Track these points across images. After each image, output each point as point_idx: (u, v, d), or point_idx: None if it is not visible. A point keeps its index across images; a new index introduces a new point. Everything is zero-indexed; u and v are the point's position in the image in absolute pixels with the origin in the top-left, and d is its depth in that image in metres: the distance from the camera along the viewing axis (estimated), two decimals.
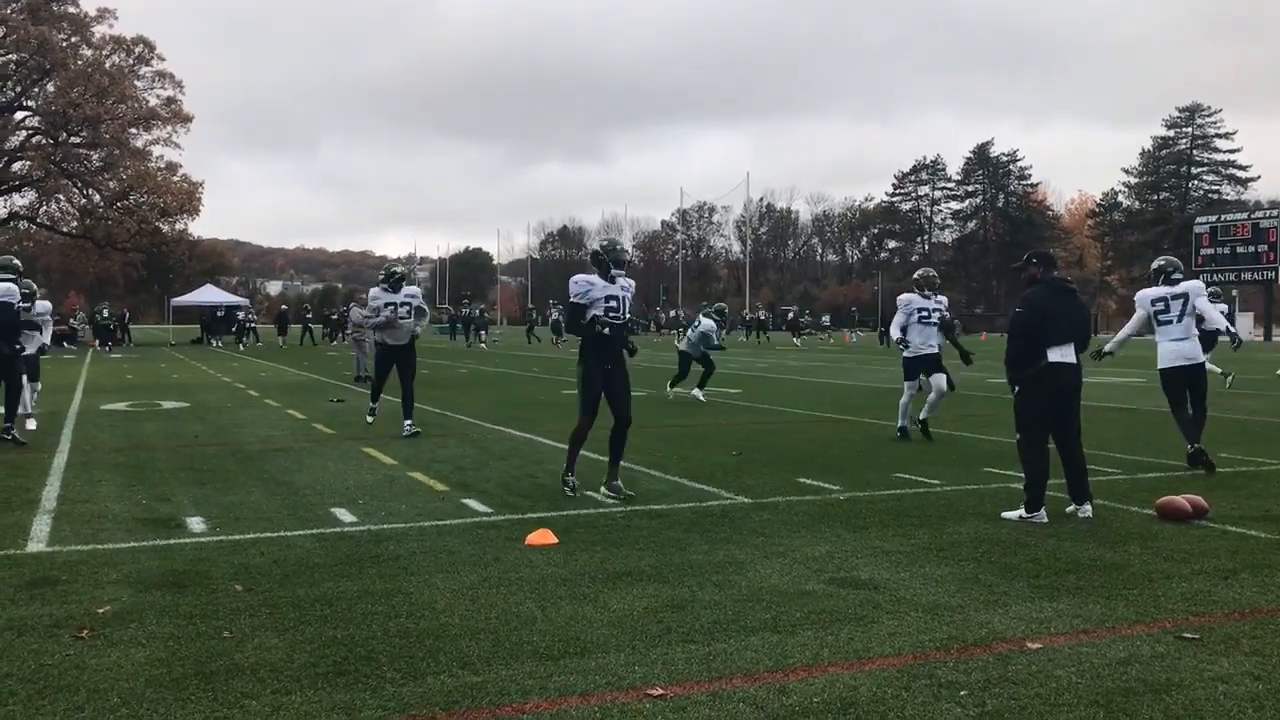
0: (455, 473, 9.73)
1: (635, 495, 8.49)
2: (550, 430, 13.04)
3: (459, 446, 11.71)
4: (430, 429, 13.44)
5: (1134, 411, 15.73)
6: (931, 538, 6.95)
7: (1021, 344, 7.63)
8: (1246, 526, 7.32)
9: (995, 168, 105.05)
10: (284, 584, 5.77)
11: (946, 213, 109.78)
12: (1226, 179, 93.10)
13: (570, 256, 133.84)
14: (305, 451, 11.23)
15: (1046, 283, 7.80)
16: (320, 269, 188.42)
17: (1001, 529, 7.24)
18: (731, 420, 14.91)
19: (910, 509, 7.96)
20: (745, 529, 7.23)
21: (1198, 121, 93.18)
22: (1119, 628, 4.99)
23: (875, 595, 5.53)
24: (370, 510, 7.89)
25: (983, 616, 5.16)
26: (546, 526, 7.06)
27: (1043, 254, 8.07)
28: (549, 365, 30.66)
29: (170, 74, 59.08)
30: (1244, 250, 62.05)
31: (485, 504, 8.14)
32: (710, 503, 8.24)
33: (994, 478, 9.44)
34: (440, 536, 6.98)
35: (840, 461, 10.49)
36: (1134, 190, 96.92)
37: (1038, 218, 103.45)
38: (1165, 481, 9.22)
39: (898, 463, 10.37)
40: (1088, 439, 12.01)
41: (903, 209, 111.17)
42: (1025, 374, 7.62)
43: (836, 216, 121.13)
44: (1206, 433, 10.21)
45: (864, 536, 6.98)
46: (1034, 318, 7.61)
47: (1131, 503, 8.20)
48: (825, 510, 7.93)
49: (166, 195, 56.76)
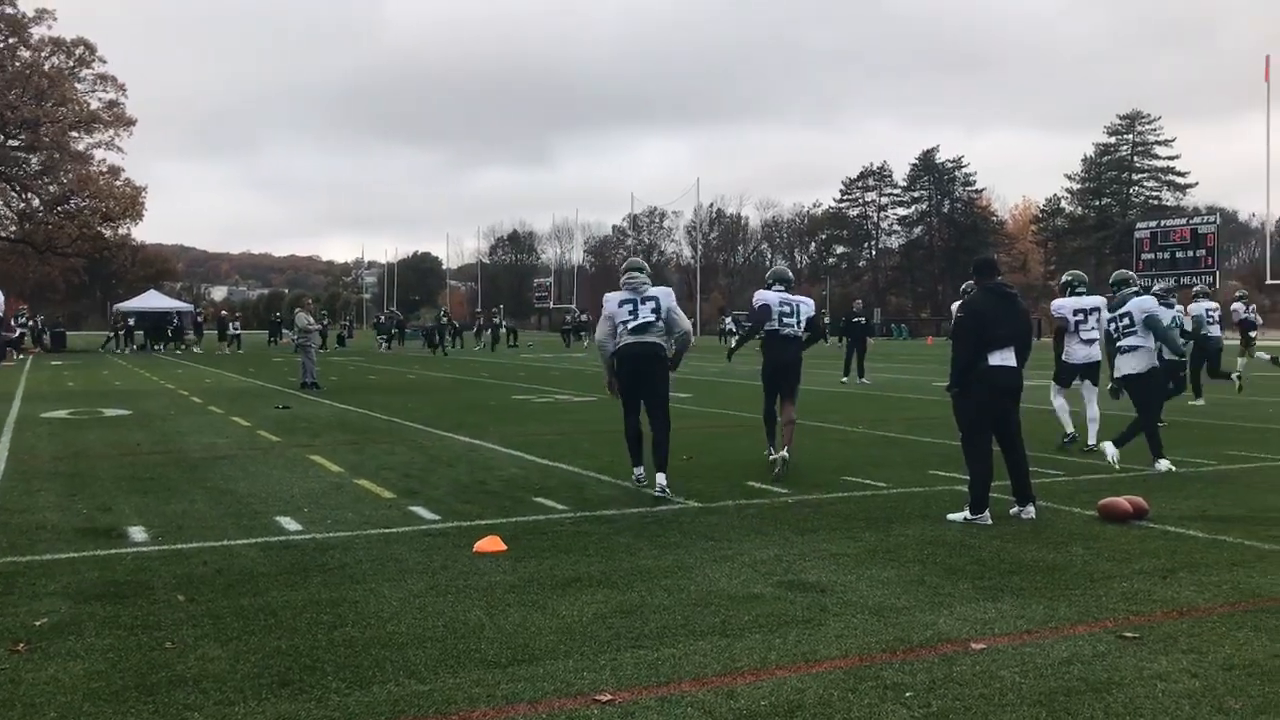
0: (403, 480, 9.66)
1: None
2: (500, 436, 12.99)
3: (407, 453, 11.63)
4: (378, 436, 13.33)
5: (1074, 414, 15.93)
6: (878, 540, 7.01)
7: (964, 348, 7.74)
8: (1185, 526, 7.46)
9: (940, 174, 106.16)
10: (227, 594, 5.70)
11: (893, 218, 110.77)
12: (1166, 185, 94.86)
13: (521, 261, 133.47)
14: (250, 459, 11.09)
15: (987, 288, 7.93)
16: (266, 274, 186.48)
17: (947, 531, 7.31)
18: (681, 425, 14.91)
19: (857, 512, 8.02)
20: (694, 533, 7.24)
21: (1138, 129, 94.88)
22: (1061, 628, 5.06)
23: (822, 598, 5.57)
24: (316, 519, 7.81)
25: (928, 618, 5.21)
26: (495, 533, 7.03)
27: (981, 261, 8.23)
28: (498, 371, 30.54)
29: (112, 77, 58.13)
30: (1183, 255, 63.45)
31: (433, 511, 8.09)
32: (660, 508, 8.25)
33: (939, 480, 9.54)
34: (387, 545, 6.92)
35: (790, 464, 10.53)
36: (1076, 196, 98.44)
37: (982, 223, 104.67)
38: (1107, 483, 9.37)
39: (845, 466, 10.44)
40: (1031, 441, 12.20)
41: (850, 215, 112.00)
42: (967, 377, 7.73)
43: (786, 222, 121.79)
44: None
45: (812, 539, 7.03)
46: (975, 322, 7.74)
47: (1074, 504, 8.32)
48: (774, 514, 7.97)
49: (109, 200, 55.84)
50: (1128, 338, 10.44)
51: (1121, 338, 10.49)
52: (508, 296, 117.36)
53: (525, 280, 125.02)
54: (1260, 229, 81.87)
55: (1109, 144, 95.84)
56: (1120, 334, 10.51)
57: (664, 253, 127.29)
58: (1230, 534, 7.19)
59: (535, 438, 12.87)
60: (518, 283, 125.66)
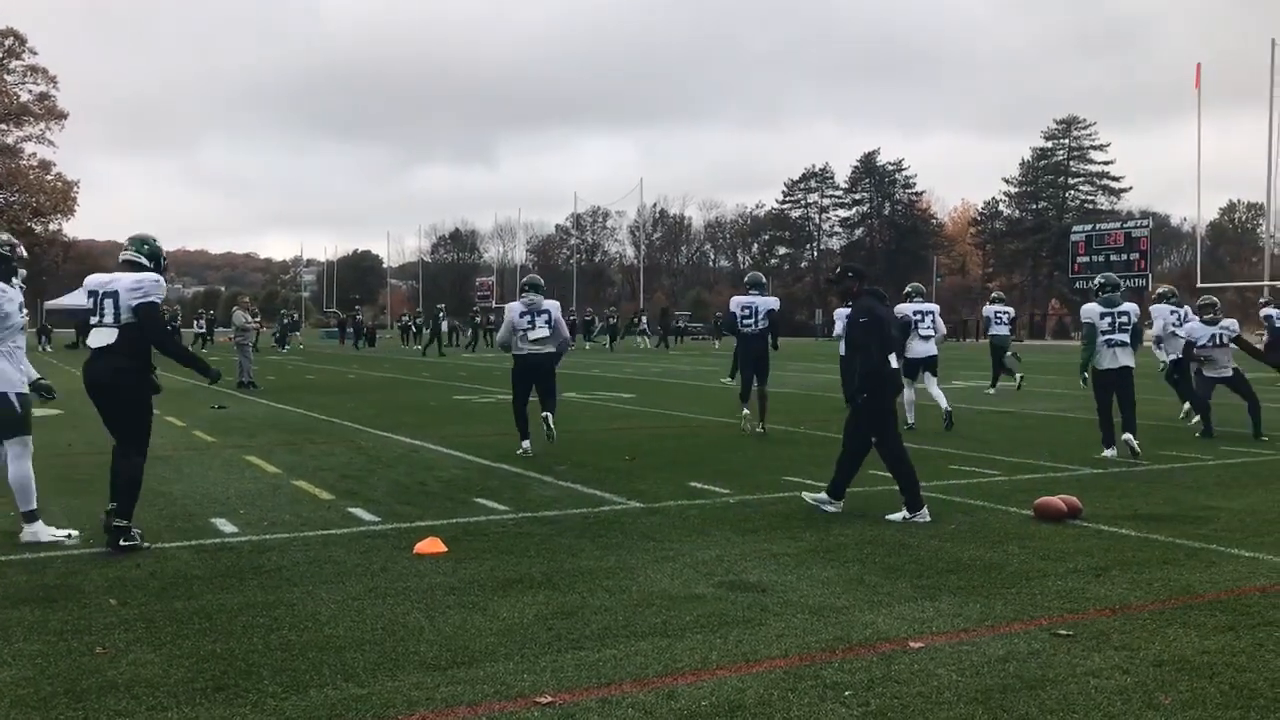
0: (342, 481, 9.57)
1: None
2: (441, 436, 12.91)
3: (346, 453, 11.51)
4: (316, 436, 13.19)
5: (1012, 414, 16.22)
6: (818, 540, 7.07)
7: (875, 353, 7.97)
8: (1118, 525, 7.60)
9: (881, 176, 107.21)
10: (161, 597, 5.60)
11: (835, 220, 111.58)
12: (1101, 189, 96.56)
13: (464, 260, 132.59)
14: (185, 460, 10.91)
15: (871, 294, 8.25)
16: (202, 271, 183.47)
17: (886, 530, 7.39)
18: (624, 425, 14.95)
19: (798, 512, 8.08)
20: (636, 534, 7.25)
21: (1074, 134, 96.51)
22: (998, 626, 5.14)
23: (763, 598, 5.60)
24: (252, 520, 7.71)
25: (867, 617, 5.26)
26: (435, 535, 6.99)
27: (858, 268, 8.63)
28: (438, 370, 30.36)
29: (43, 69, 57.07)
30: (1118, 258, 64.69)
31: (372, 513, 8.02)
32: (602, 508, 8.25)
33: (879, 480, 9.61)
34: (325, 546, 6.85)
35: (732, 465, 10.60)
36: (1014, 199, 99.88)
37: (922, 225, 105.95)
38: (1042, 483, 9.52)
39: (787, 466, 10.52)
40: (970, 441, 12.41)
41: (792, 216, 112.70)
42: (874, 381, 7.98)
43: (729, 223, 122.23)
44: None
45: (753, 539, 7.07)
46: (879, 326, 8.03)
47: (1010, 503, 8.45)
48: (716, 514, 8.01)
49: (39, 194, 54.76)
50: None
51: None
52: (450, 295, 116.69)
53: (467, 279, 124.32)
54: (1191, 233, 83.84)
55: (1046, 148, 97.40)
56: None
57: (607, 252, 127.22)
58: (1161, 532, 7.34)
59: (477, 438, 12.81)
60: (460, 281, 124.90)
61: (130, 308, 6.85)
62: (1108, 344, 11.10)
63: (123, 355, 6.88)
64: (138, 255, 7.12)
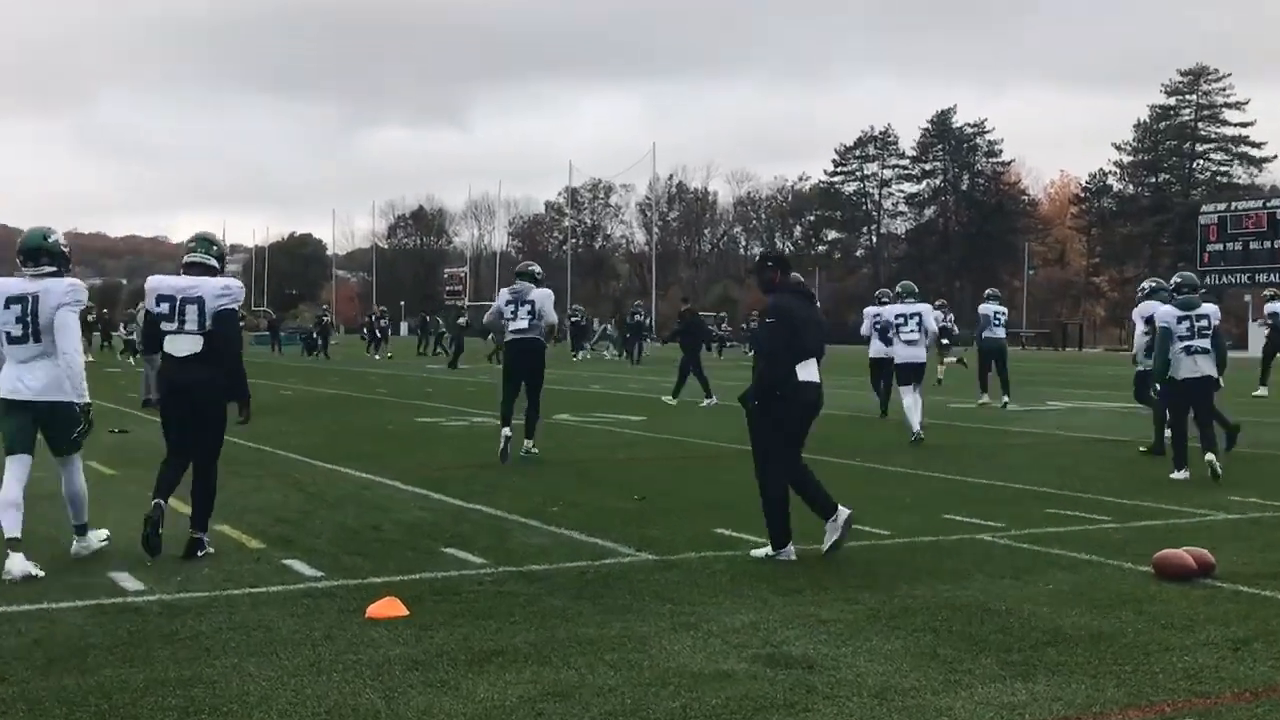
0: (275, 525, 9.60)
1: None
2: (401, 469, 12.95)
3: (280, 491, 11.55)
4: (242, 468, 13.22)
5: (1127, 444, 16.16)
6: (880, 602, 7.07)
7: (781, 358, 8.23)
8: (1261, 586, 7.58)
9: (958, 142, 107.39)
10: (48, 672, 5.62)
11: (899, 197, 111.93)
12: (1237, 158, 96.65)
13: (429, 245, 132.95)
14: None
15: (789, 288, 8.52)
16: (99, 260, 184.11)
17: (965, 590, 7.39)
18: (633, 455, 14.96)
19: (853, 566, 8.08)
20: (649, 594, 7.26)
21: (1203, 88, 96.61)
22: (1108, 713, 5.13)
23: (810, 676, 5.60)
24: (162, 575, 7.73)
25: (942, 701, 5.26)
26: (393, 594, 7.00)
27: (777, 255, 9.14)
28: (397, 386, 30.42)
29: None
30: (1258, 245, 64.30)
31: (314, 566, 8.05)
32: (605, 560, 8.27)
33: (957, 526, 9.63)
34: (254, 608, 6.87)
35: None
36: (1127, 171, 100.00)
37: (1010, 204, 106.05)
38: (1163, 530, 9.51)
39: None
40: (1071, 477, 12.39)
41: (845, 192, 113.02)
42: (775, 391, 8.23)
43: (764, 200, 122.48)
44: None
45: (796, 601, 7.07)
46: (789, 327, 8.26)
47: (1124, 556, 8.44)
48: (749, 569, 8.01)
49: None
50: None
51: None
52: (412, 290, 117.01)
53: (434, 270, 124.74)
54: None
55: (1167, 107, 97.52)
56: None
57: (610, 236, 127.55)
58: None
59: (446, 472, 12.83)
60: (424, 273, 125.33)
61: (214, 313, 8.13)
62: (1187, 351, 12.28)
63: (209, 364, 8.17)
64: (208, 258, 8.42)
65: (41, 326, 7.73)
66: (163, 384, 8.48)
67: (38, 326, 7.73)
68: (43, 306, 7.73)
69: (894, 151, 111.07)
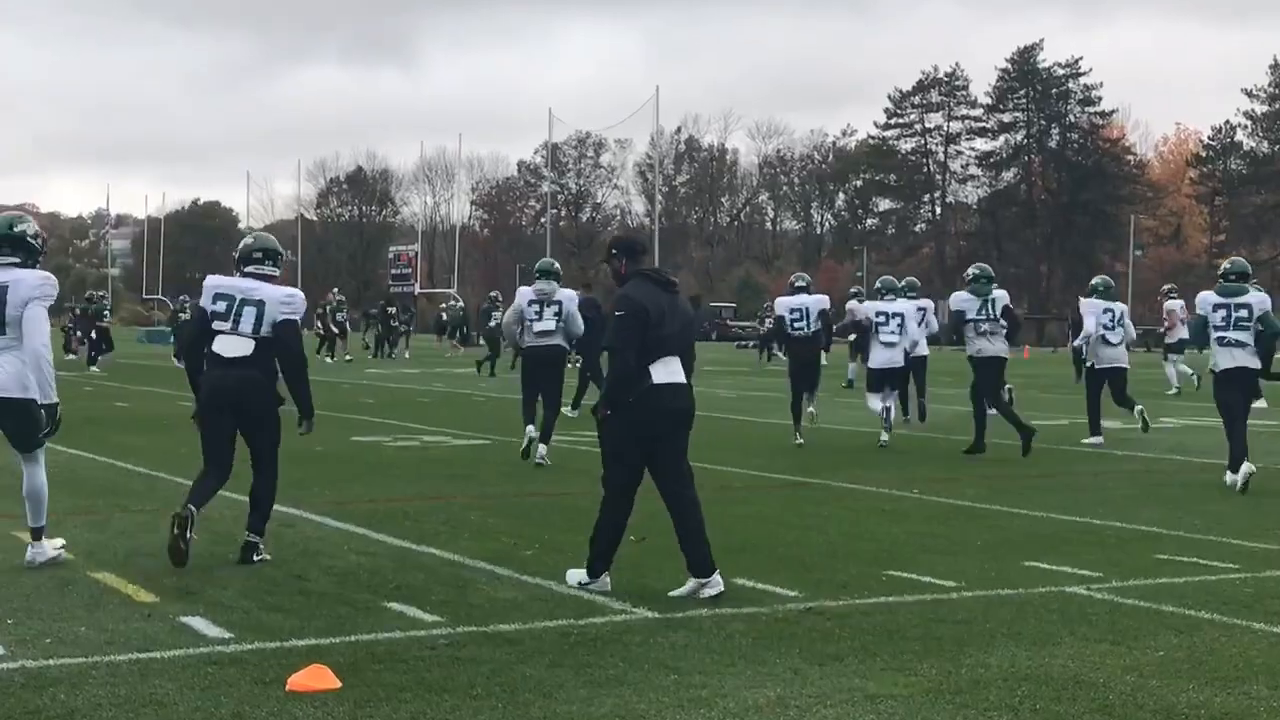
0: (171, 573, 9.59)
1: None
2: (334, 502, 12.95)
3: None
4: (131, 499, 13.22)
5: (1261, 473, 16.09)
6: (942, 673, 7.05)
7: (629, 356, 8.57)
8: None
9: (1045, 86, 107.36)
10: None
11: (970, 156, 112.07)
12: None
13: (370, 216, 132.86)
14: None
15: (642, 275, 8.92)
16: None
17: (1052, 659, 7.36)
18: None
19: (910, 627, 8.08)
20: (648, 661, 7.25)
21: None
22: None
23: None
24: (27, 636, 7.72)
25: None
26: (321, 661, 6.99)
27: (625, 242, 9.60)
28: (329, 397, 30.42)
29: None
30: None
31: (220, 624, 8.04)
32: (593, 619, 8.27)
33: (1042, 576, 9.60)
34: (143, 679, 6.86)
35: (801, 549, 10.60)
36: (1261, 125, 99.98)
37: (1111, 166, 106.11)
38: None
39: (891, 553, 10.52)
40: (1187, 512, 12.37)
41: (902, 150, 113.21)
42: (623, 396, 8.62)
43: (797, 160, 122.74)
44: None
45: (836, 672, 7.06)
46: (637, 320, 8.61)
47: (1255, 615, 8.43)
48: (776, 629, 8.01)
49: None
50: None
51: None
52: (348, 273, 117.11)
53: (376, 247, 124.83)
54: None
55: None
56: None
57: (601, 206, 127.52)
58: None
59: (391, 505, 12.88)
60: (364, 251, 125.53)
61: (275, 321, 9.72)
62: (1220, 342, 13.90)
63: (257, 368, 9.80)
64: (276, 270, 10.09)
65: (8, 320, 9.08)
66: (206, 385, 9.88)
67: (3, 319, 9.08)
68: (11, 298, 9.06)
69: (963, 99, 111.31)
